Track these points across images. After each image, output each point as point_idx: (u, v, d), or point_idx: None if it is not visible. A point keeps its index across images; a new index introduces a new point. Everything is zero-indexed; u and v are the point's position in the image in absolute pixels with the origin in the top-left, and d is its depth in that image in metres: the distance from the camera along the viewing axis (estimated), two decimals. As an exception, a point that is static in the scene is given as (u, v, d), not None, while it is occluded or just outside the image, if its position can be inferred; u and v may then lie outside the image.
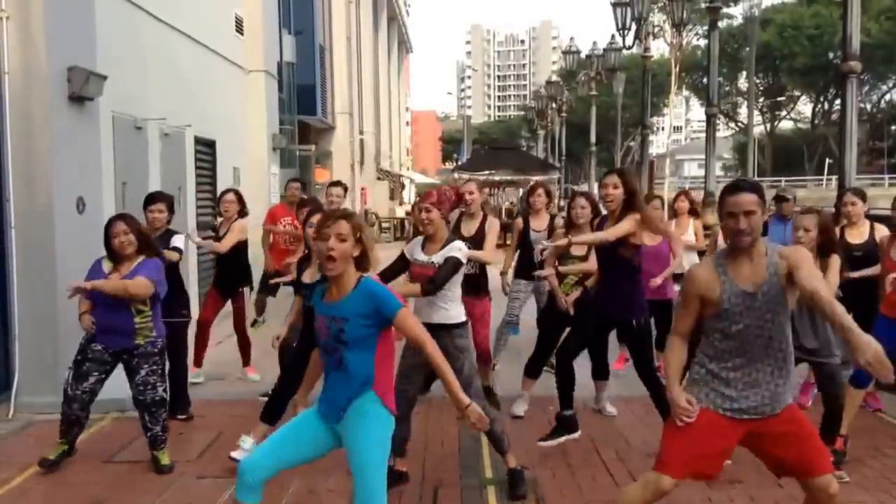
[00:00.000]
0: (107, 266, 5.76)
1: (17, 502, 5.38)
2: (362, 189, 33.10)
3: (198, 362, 8.26)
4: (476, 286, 7.03)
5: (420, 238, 5.59)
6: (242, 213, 8.27)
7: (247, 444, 5.88)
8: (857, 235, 7.07)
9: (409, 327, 3.80)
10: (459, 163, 54.20)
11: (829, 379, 5.63)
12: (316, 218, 5.68)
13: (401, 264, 5.52)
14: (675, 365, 3.99)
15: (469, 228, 7.16)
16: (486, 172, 27.23)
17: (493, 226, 7.09)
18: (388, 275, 5.43)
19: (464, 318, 5.43)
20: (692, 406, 3.82)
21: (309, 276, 5.91)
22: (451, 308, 5.35)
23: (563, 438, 6.07)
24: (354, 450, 3.79)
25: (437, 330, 5.07)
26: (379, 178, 42.10)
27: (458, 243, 5.43)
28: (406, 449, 5.58)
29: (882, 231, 7.02)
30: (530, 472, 5.70)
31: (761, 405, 3.84)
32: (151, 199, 7.11)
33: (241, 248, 8.22)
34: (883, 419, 6.98)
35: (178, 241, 6.99)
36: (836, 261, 5.61)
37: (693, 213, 8.93)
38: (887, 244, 6.27)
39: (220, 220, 8.43)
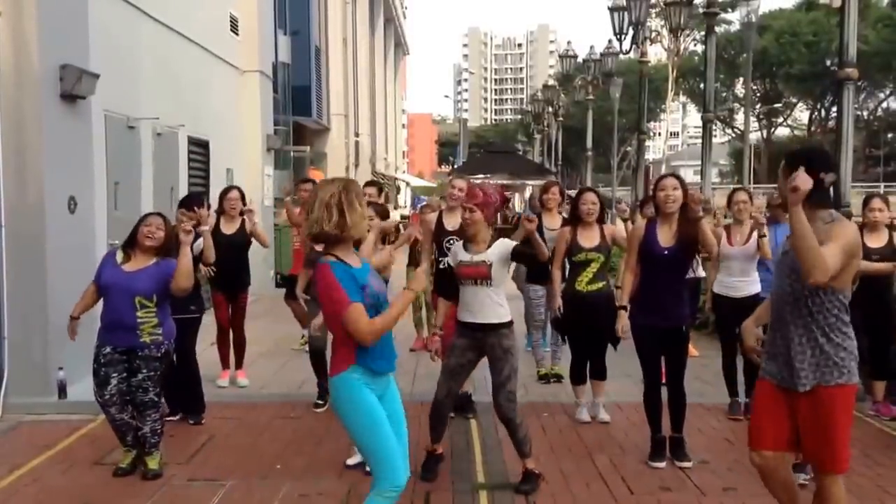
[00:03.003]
0: (119, 257, 5.73)
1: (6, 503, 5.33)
2: (358, 192, 33.01)
3: (226, 364, 8.23)
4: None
5: (457, 244, 5.71)
6: (244, 211, 8.17)
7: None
8: None
9: None
10: (455, 166, 54.22)
11: None
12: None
13: (451, 276, 5.61)
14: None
15: (454, 222, 6.79)
16: (482, 176, 27.17)
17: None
18: (449, 291, 5.66)
19: (511, 318, 5.53)
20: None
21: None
22: (505, 305, 5.50)
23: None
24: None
25: (487, 330, 5.39)
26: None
27: (506, 240, 5.59)
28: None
29: None
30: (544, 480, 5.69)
31: (786, 375, 3.91)
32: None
33: (248, 245, 8.15)
34: (877, 428, 6.94)
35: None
36: None
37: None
38: None
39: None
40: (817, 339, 3.85)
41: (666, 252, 5.80)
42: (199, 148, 12.86)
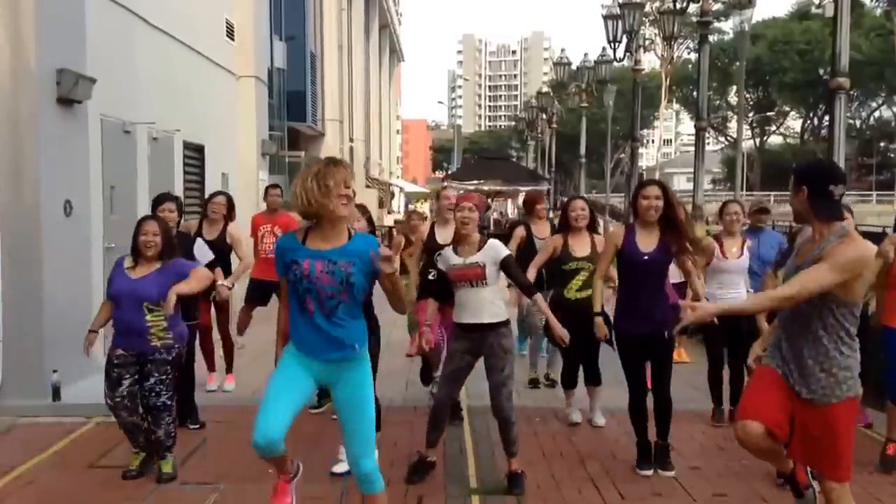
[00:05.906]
0: (128, 262, 5.73)
1: (-3, 507, 5.33)
2: (352, 196, 33.01)
3: (212, 367, 8.25)
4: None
5: (446, 250, 5.73)
6: (230, 216, 8.17)
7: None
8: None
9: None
10: (449, 172, 54.27)
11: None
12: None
13: (441, 276, 5.69)
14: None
15: (445, 236, 6.79)
16: (476, 182, 27.25)
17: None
18: (435, 291, 5.85)
19: (508, 317, 5.66)
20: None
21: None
22: (501, 304, 5.62)
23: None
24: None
25: (485, 330, 5.47)
26: (368, 186, 42.03)
27: (497, 241, 5.68)
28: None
29: None
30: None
31: (795, 377, 3.94)
32: (161, 199, 6.92)
33: (229, 252, 8.14)
34: (868, 435, 6.96)
35: (199, 252, 6.93)
36: None
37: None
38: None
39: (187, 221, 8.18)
40: (827, 355, 3.88)
41: (646, 257, 5.78)
42: (195, 152, 12.86)
